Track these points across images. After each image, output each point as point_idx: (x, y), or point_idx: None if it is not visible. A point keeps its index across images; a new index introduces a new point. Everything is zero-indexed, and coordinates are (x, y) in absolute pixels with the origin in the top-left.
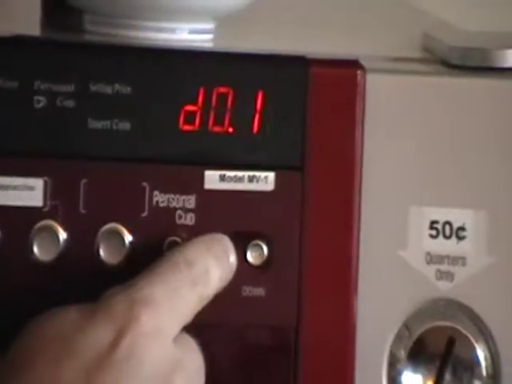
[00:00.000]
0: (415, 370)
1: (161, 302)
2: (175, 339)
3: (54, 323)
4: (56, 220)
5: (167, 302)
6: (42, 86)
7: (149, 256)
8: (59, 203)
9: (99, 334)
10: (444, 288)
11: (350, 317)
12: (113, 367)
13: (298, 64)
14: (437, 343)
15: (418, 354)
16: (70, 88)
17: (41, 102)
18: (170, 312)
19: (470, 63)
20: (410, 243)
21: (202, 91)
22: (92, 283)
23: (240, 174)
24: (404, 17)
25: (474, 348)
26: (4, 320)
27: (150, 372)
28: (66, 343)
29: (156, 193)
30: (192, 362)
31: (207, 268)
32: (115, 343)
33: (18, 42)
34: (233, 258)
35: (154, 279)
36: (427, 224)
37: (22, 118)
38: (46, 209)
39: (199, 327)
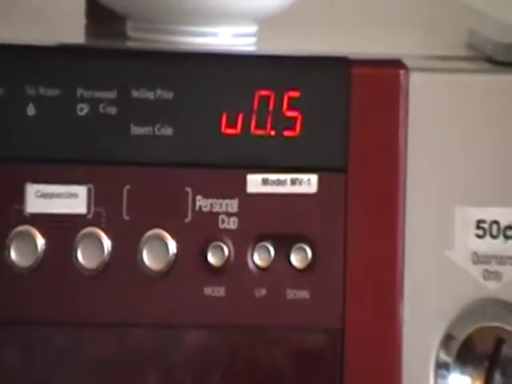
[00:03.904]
0: (463, 372)
1: None
2: None
3: None
4: (100, 227)
5: None
6: (85, 94)
7: (192, 261)
8: (103, 210)
9: None
10: (492, 288)
11: (395, 318)
12: None
13: (339, 65)
14: (485, 344)
15: (466, 355)
16: (113, 94)
17: (84, 109)
18: None
19: None
20: (456, 243)
21: (243, 94)
22: (136, 289)
23: (282, 177)
24: (448, 13)
25: None
26: (45, 327)
27: None
28: None
29: (199, 197)
30: None
31: None
32: None
33: (60, 51)
34: None
35: None
36: (473, 224)
37: (65, 125)
38: (90, 216)
39: (245, 330)
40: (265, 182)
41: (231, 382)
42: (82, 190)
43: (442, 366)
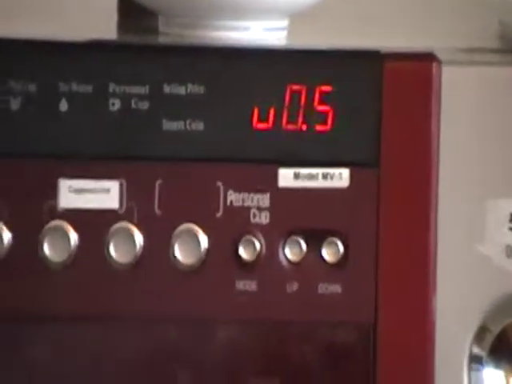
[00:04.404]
0: (497, 366)
1: None
2: None
3: None
4: (132, 222)
5: None
6: (117, 89)
7: (224, 256)
8: (135, 205)
9: None
10: None
11: (428, 312)
12: None
13: (372, 59)
14: None
15: (500, 349)
16: (144, 90)
17: (115, 104)
18: None
19: None
20: (488, 237)
21: (275, 89)
22: (168, 283)
23: (314, 171)
24: (479, 3)
25: None
26: (78, 322)
27: None
28: None
29: (230, 192)
30: None
31: None
32: None
33: (92, 46)
34: None
35: None
36: (507, 217)
37: (97, 120)
38: (122, 211)
39: (278, 325)
40: (296, 176)
41: (262, 377)
42: (114, 185)
43: (475, 360)
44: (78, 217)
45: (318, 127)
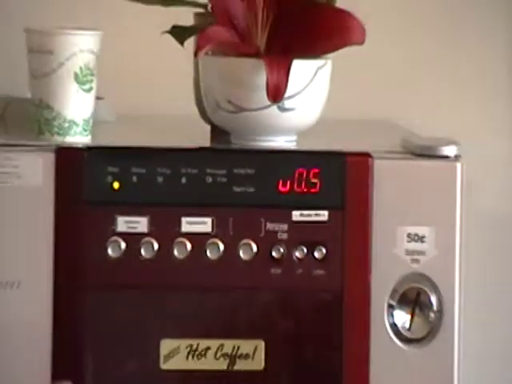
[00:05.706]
0: (401, 309)
1: None
2: None
3: None
4: (218, 238)
5: None
6: (210, 171)
7: (264, 256)
8: (220, 230)
9: None
10: (416, 267)
11: (366, 280)
12: None
13: (339, 155)
14: (412, 295)
15: (403, 301)
16: (224, 171)
17: (209, 179)
18: None
19: (426, 153)
20: (398, 245)
21: (290, 171)
22: (236, 270)
23: (311, 212)
24: (387, 130)
25: (429, 296)
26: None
27: None
28: None
29: (268, 223)
30: None
31: None
32: None
33: (198, 150)
34: None
35: None
36: (406, 234)
37: (199, 187)
38: (213, 233)
39: (293, 292)
40: (302, 215)
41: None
42: (208, 220)
43: (390, 307)
44: (191, 237)
45: (312, 190)
